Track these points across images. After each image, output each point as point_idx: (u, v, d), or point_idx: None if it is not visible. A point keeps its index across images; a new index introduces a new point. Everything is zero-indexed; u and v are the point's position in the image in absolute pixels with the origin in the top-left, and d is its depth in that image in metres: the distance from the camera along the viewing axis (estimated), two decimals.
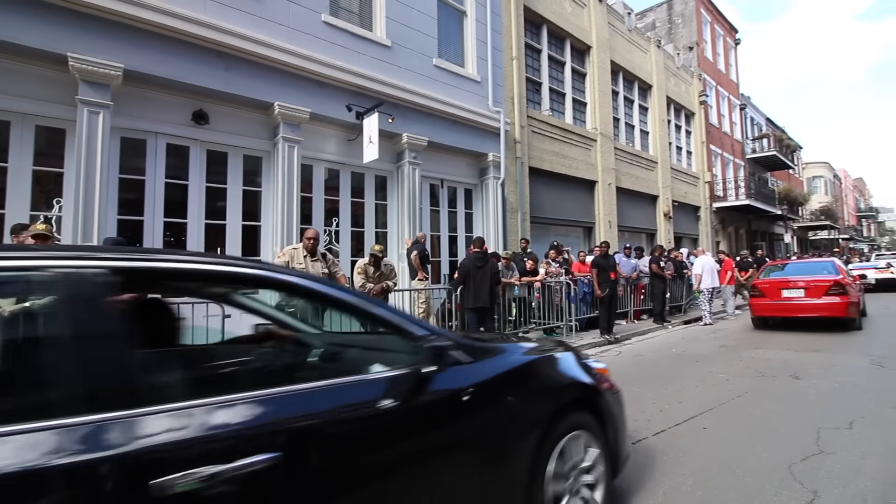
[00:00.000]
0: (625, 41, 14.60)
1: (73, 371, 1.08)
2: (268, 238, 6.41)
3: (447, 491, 1.58)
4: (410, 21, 8.00)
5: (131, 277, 1.32)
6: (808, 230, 33.03)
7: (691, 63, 19.48)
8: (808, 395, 4.40)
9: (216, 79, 5.74)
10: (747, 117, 24.90)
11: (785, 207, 25.10)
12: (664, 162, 15.98)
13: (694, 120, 18.98)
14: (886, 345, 6.81)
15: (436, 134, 8.16)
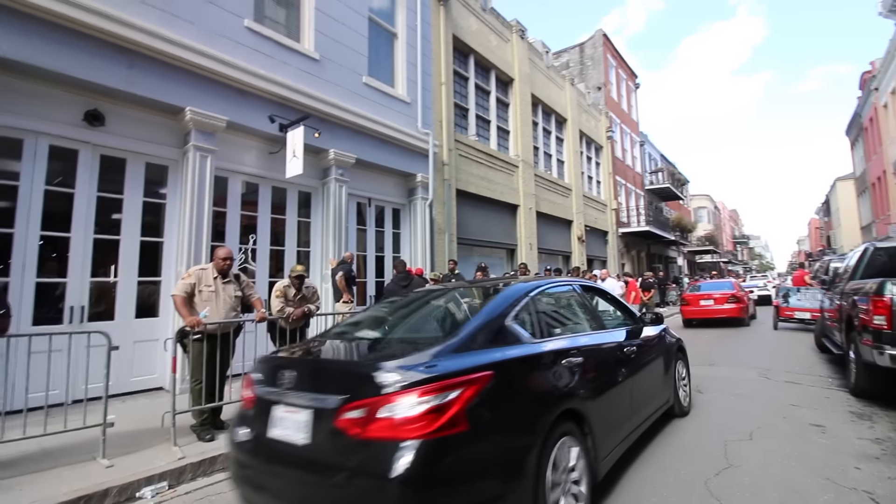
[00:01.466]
0: (543, 77, 15.63)
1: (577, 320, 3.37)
2: (171, 256, 5.72)
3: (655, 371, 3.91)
4: (340, 37, 7.82)
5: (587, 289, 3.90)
6: (696, 254, 37.37)
7: (599, 102, 21.39)
8: (711, 407, 4.80)
9: (116, 76, 5.07)
10: (646, 153, 27.79)
11: (677, 234, 28.19)
12: (578, 190, 17.18)
13: (602, 153, 20.74)
14: (768, 357, 7.75)
15: (364, 152, 7.97)
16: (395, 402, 1.87)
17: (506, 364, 2.24)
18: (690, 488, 2.90)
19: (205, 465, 3.57)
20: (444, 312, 3.09)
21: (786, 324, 11.40)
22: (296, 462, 2.06)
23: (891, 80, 17.93)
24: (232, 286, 4.32)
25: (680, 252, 32.73)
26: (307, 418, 2.07)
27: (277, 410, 2.21)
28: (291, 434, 2.10)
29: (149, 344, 5.38)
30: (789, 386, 5.64)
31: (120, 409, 4.64)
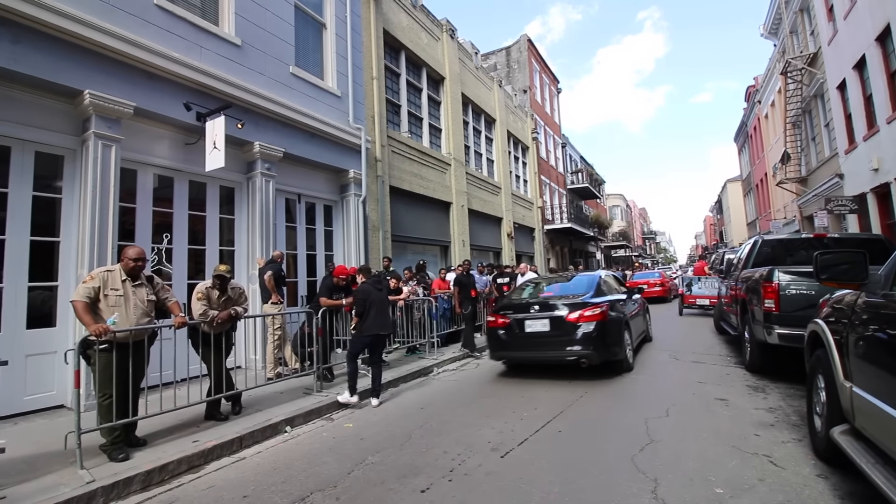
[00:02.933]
0: (473, 77, 15.94)
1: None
2: (70, 258, 5.06)
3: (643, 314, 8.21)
4: (264, 23, 7.38)
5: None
6: (612, 248, 40.30)
7: (525, 104, 22.28)
8: (631, 388, 5.23)
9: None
10: (567, 154, 29.44)
11: (595, 230, 30.21)
12: (507, 188, 17.77)
13: (529, 153, 21.63)
14: (676, 340, 8.58)
15: (293, 145, 7.61)
16: (584, 311, 5.73)
17: (608, 301, 6.09)
18: (618, 465, 3.14)
19: (119, 488, 3.23)
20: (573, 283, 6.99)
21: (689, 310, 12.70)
22: (541, 337, 5.87)
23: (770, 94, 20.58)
24: (144, 289, 3.92)
25: (598, 247, 35.14)
26: (547, 321, 5.86)
27: (528, 321, 5.95)
28: (539, 328, 5.88)
29: (45, 357, 4.73)
30: (695, 365, 6.29)
31: (12, 431, 4.06)
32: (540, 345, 5.87)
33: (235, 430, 4.19)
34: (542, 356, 6.02)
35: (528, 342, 5.96)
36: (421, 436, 4.13)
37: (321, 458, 3.73)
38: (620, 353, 5.93)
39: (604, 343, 5.63)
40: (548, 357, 5.97)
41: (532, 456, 3.49)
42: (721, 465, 3.06)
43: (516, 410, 4.72)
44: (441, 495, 2.97)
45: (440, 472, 3.31)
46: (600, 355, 5.63)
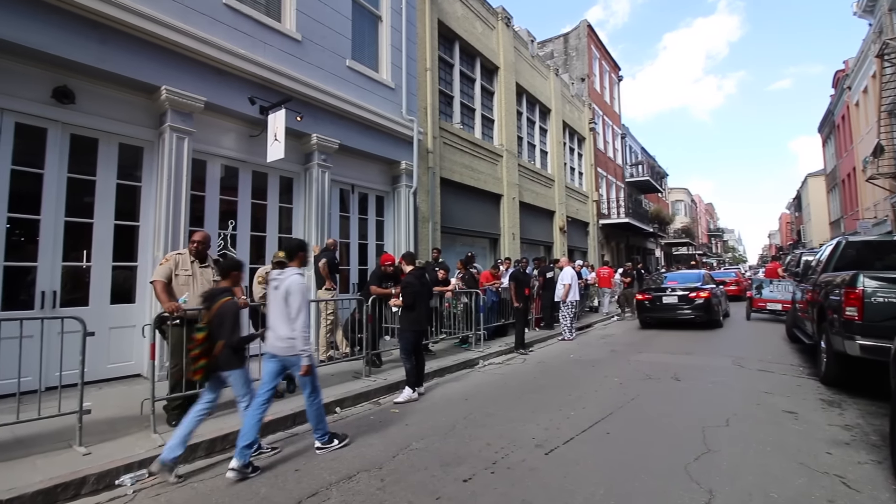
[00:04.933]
0: (528, 66, 15.57)
1: None
2: (148, 240, 5.53)
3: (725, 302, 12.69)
4: (323, 18, 7.60)
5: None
6: (672, 246, 38.22)
7: (583, 93, 21.48)
8: (689, 395, 4.95)
9: (87, 52, 4.82)
10: (627, 145, 28.13)
11: (655, 226, 28.74)
12: (560, 180, 17.29)
13: (585, 144, 20.89)
14: (742, 346, 8.01)
15: (348, 137, 7.83)
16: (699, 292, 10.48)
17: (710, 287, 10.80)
18: (670, 473, 2.99)
19: (186, 453, 3.50)
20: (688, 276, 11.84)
21: (758, 314, 11.79)
22: (672, 305, 10.56)
23: (863, 80, 18.51)
24: (210, 270, 4.23)
25: (657, 244, 33.43)
26: (677, 296, 10.58)
27: (664, 297, 10.70)
28: (671, 301, 10.59)
29: (125, 330, 5.22)
30: (762, 374, 5.84)
31: (97, 396, 4.51)
32: (671, 309, 10.52)
33: (290, 407, 4.42)
34: (671, 316, 10.51)
35: (663, 308, 10.64)
36: (465, 426, 4.15)
37: (368, 441, 3.85)
38: (716, 317, 10.63)
39: (708, 310, 10.27)
40: (675, 316, 10.46)
41: (577, 455, 3.41)
42: (785, 482, 2.82)
43: (563, 408, 4.61)
44: (483, 486, 2.97)
45: (483, 463, 3.31)
46: (706, 316, 10.28)
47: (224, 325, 3.28)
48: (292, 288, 3.50)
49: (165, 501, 2.90)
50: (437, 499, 2.83)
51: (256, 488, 3.04)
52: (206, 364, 3.27)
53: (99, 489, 3.02)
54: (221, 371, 3.37)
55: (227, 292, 3.44)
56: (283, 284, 3.55)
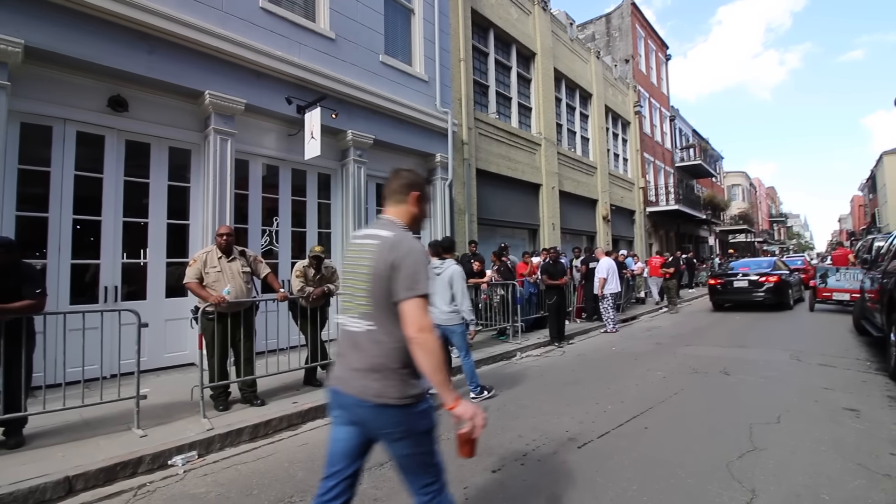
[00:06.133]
0: (567, 50, 15.08)
1: None
2: (197, 238, 5.87)
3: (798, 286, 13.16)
4: (356, 14, 7.71)
5: None
6: (729, 233, 36.03)
7: (627, 75, 20.56)
8: (738, 390, 4.67)
9: (138, 62, 5.16)
10: (676, 128, 26.71)
11: (709, 212, 27.19)
12: (603, 168, 16.70)
13: (630, 129, 20.03)
14: (802, 339, 7.46)
15: (382, 132, 7.92)
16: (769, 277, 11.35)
17: (780, 272, 11.69)
18: (710, 470, 2.84)
19: (231, 437, 3.72)
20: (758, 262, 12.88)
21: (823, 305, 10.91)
22: (744, 290, 11.51)
23: None
24: (238, 262, 4.40)
25: (711, 231, 31.63)
26: (748, 281, 11.53)
27: (735, 281, 11.73)
28: (742, 285, 11.58)
29: (179, 322, 5.58)
30: (823, 369, 5.41)
31: (154, 382, 4.87)
32: (742, 292, 11.47)
33: None
34: (742, 298, 11.47)
35: (734, 291, 11.62)
36: (497, 418, 4.13)
37: None
38: (786, 299, 11.35)
39: (778, 293, 11.12)
40: (746, 298, 11.38)
41: (612, 450, 3.31)
42: (839, 484, 2.61)
43: (600, 402, 4.49)
44: (511, 477, 2.95)
45: (513, 455, 3.29)
46: (775, 299, 11.06)
47: None
48: (455, 275, 4.66)
49: (212, 481, 3.09)
50: (465, 488, 2.84)
51: (293, 472, 3.18)
52: None
53: (154, 468, 3.26)
54: None
55: None
56: (446, 273, 4.67)
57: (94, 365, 4.07)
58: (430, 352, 1.54)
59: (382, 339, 1.60)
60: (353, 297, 1.69)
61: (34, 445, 3.38)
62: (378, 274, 1.60)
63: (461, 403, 1.59)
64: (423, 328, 1.53)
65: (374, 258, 1.62)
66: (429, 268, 1.65)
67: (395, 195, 1.83)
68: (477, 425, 1.59)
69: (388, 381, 1.58)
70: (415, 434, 1.62)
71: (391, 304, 1.59)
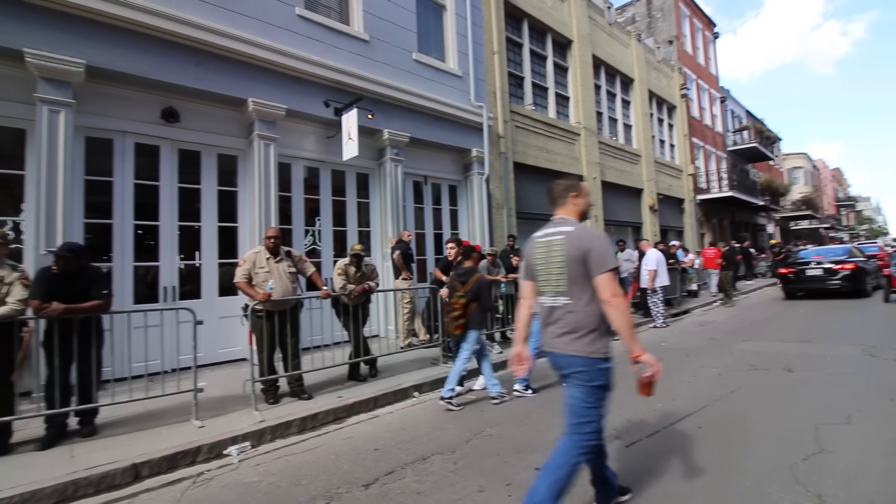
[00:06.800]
0: (606, 35, 14.55)
1: None
2: (245, 239, 6.15)
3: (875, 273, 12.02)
4: (388, 15, 7.78)
5: None
6: (790, 220, 33.61)
7: (671, 57, 19.57)
8: (802, 388, 4.34)
9: (186, 75, 5.46)
10: (727, 110, 25.17)
11: (767, 198, 25.47)
12: (648, 155, 16.02)
13: (676, 113, 19.08)
14: (876, 333, 6.84)
15: (418, 130, 7.97)
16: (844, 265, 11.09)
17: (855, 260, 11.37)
18: (771, 472, 2.66)
19: (281, 429, 3.88)
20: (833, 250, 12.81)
21: None
22: (818, 278, 11.39)
23: None
24: (284, 263, 4.58)
25: (770, 218, 29.64)
26: (823, 269, 11.33)
27: (808, 270, 11.64)
28: (816, 273, 11.49)
29: (231, 319, 5.87)
30: None
31: (209, 376, 5.15)
32: (816, 281, 11.34)
33: (372, 391, 4.68)
34: (816, 286, 11.35)
35: (808, 280, 11.54)
36: (540, 415, 4.07)
37: (443, 425, 3.95)
38: (862, 286, 10.91)
39: (854, 280, 10.85)
40: (820, 287, 11.22)
41: (661, 449, 3.18)
42: None
43: (649, 400, 4.29)
44: None
45: None
46: (851, 286, 10.82)
47: (482, 294, 4.36)
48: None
49: (264, 471, 3.23)
50: (508, 485, 2.81)
51: (339, 464, 3.26)
52: (465, 323, 4.38)
53: (211, 457, 3.45)
54: (470, 329, 4.45)
55: (475, 271, 4.50)
56: None
57: (156, 360, 4.37)
58: (622, 312, 2.04)
59: (576, 309, 2.11)
60: (548, 281, 2.19)
61: (104, 434, 3.67)
62: (572, 258, 2.09)
63: (646, 353, 2.10)
64: (615, 294, 2.04)
65: (565, 247, 2.12)
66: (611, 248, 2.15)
67: (559, 200, 2.33)
68: (658, 371, 2.12)
69: (583, 339, 2.10)
70: (593, 383, 2.13)
71: (585, 281, 2.08)
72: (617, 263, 2.11)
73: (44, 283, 3.49)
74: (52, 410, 3.52)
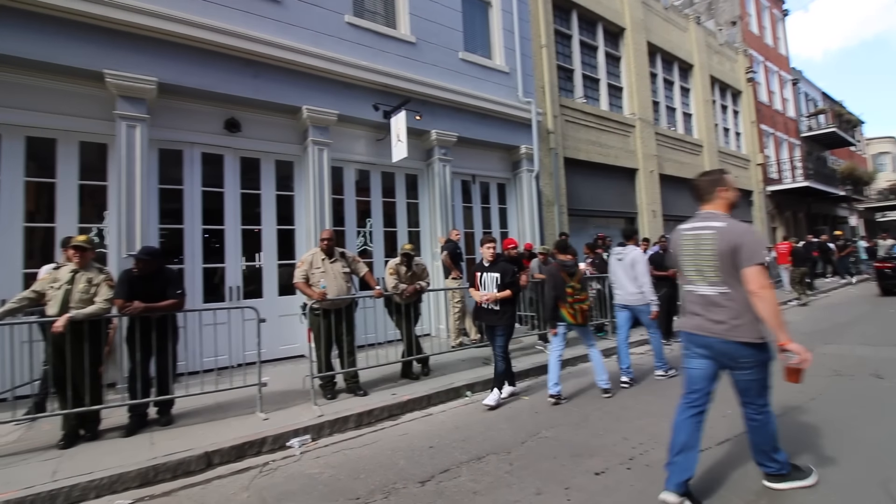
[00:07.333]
0: (661, 20, 13.83)
1: None
2: (301, 241, 6.41)
3: None
4: (434, 16, 7.82)
5: None
6: (876, 211, 30.40)
7: (735, 39, 18.27)
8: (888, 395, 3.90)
9: (246, 86, 5.77)
10: (800, 93, 23.15)
11: (848, 188, 23.18)
12: (710, 145, 15.05)
13: (741, 99, 17.80)
14: None
15: (465, 129, 7.95)
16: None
17: None
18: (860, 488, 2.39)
19: (339, 424, 4.00)
20: None
21: None
22: None
23: None
24: (339, 263, 4.72)
25: (853, 209, 26.95)
26: None
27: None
28: None
29: (291, 318, 6.14)
30: None
31: (271, 372, 5.40)
32: None
33: (424, 389, 4.72)
34: None
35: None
36: (599, 418, 3.93)
37: (497, 425, 3.91)
38: None
39: None
40: None
41: (733, 459, 2.97)
42: None
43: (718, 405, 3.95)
44: (617, 481, 2.78)
45: (618, 458, 3.10)
46: None
47: (585, 285, 4.67)
48: (637, 259, 4.98)
49: (324, 463, 3.34)
50: (567, 489, 2.73)
51: (395, 460, 3.31)
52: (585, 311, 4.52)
53: (275, 448, 3.62)
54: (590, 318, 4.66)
55: (576, 265, 4.67)
56: (629, 257, 5.04)
57: (224, 356, 4.65)
58: (769, 302, 2.17)
59: (736, 297, 2.26)
60: (699, 272, 2.39)
61: (180, 424, 3.95)
62: (723, 252, 2.27)
63: (793, 342, 2.18)
64: (762, 286, 2.18)
65: (716, 241, 2.30)
66: (762, 243, 2.31)
67: (705, 195, 2.47)
68: (806, 359, 2.18)
69: (747, 326, 2.24)
70: (760, 364, 2.32)
71: (736, 272, 2.24)
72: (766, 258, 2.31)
73: (126, 284, 3.81)
74: (134, 400, 3.84)
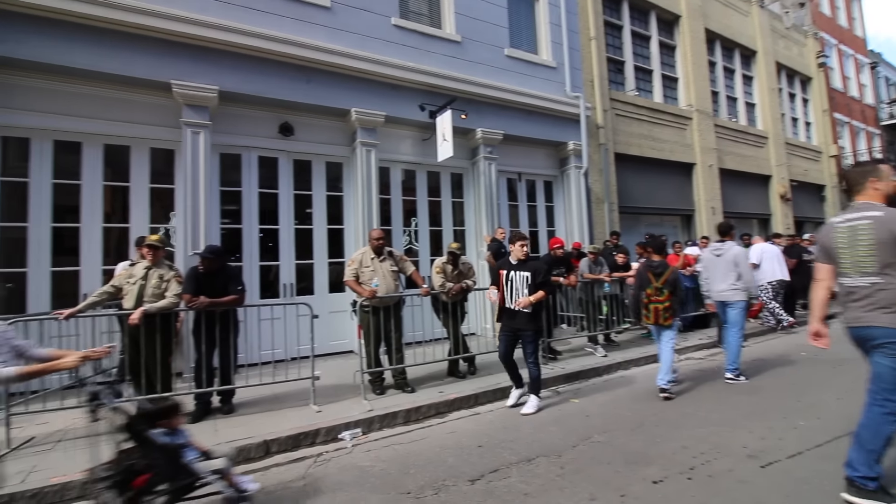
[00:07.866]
0: (720, 5, 13.03)
1: None
2: (350, 240, 6.58)
3: None
4: (479, 13, 7.77)
5: None
6: None
7: (804, 21, 16.90)
8: None
9: (298, 91, 5.99)
10: (880, 77, 21.08)
11: None
12: (776, 137, 14.02)
13: (811, 86, 16.45)
14: None
15: (511, 126, 7.85)
16: None
17: None
18: None
19: (388, 418, 4.06)
20: None
21: None
22: None
23: None
24: (387, 262, 4.79)
25: None
26: None
27: None
28: None
29: (341, 314, 6.30)
30: None
31: (322, 366, 5.52)
32: None
33: (472, 388, 4.70)
34: None
35: None
36: (655, 424, 3.75)
37: (546, 427, 3.82)
38: None
39: None
40: None
41: (807, 474, 2.74)
42: None
43: (788, 416, 3.76)
44: (677, 491, 2.64)
45: (677, 467, 2.94)
46: None
47: (678, 286, 4.63)
48: (739, 255, 5.06)
49: (374, 457, 3.41)
50: (622, 496, 2.62)
51: (444, 457, 3.31)
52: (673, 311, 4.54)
53: (328, 440, 3.73)
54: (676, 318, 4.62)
55: (667, 265, 4.68)
56: (729, 253, 5.06)
57: (279, 349, 4.84)
58: None
59: (890, 287, 2.26)
60: (853, 264, 2.39)
61: (240, 413, 4.15)
62: (883, 241, 2.27)
63: None
64: None
65: (875, 231, 2.30)
66: None
67: (857, 187, 2.48)
68: None
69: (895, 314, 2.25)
70: None
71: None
72: None
73: (193, 280, 4.06)
74: (200, 389, 4.08)
